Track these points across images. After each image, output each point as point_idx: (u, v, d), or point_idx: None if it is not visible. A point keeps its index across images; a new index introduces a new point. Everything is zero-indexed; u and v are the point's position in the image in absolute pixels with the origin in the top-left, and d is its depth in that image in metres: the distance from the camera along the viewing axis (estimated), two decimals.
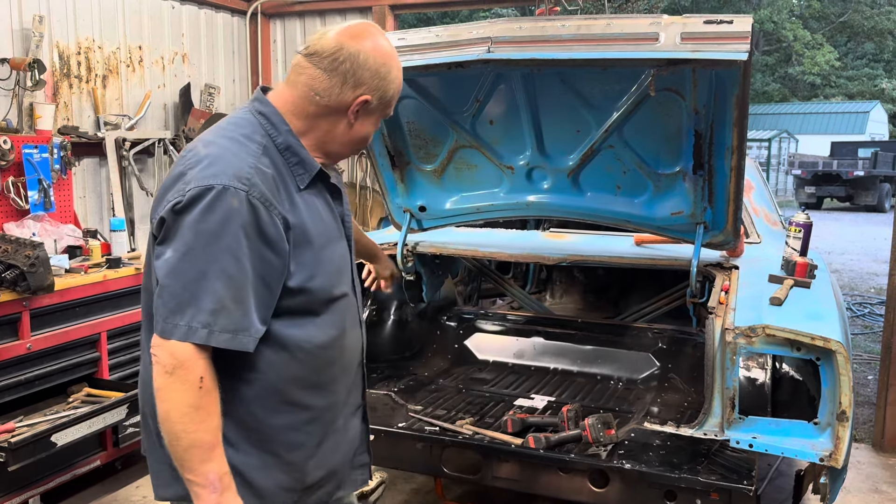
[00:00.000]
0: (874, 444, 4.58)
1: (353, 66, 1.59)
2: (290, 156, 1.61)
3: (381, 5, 6.26)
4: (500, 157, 3.25)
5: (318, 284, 1.61)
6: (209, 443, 1.45)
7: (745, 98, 2.54)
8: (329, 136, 1.66)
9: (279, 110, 1.63)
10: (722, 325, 2.49)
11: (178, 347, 1.44)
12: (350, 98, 1.61)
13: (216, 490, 1.45)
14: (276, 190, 1.54)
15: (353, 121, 1.65)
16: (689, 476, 2.34)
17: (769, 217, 4.11)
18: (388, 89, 1.67)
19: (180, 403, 1.43)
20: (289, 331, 1.58)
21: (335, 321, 1.67)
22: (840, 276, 10.27)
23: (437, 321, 3.93)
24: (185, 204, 1.46)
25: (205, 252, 1.45)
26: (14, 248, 3.32)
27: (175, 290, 1.45)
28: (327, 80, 1.59)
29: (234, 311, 1.46)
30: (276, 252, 1.52)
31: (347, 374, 1.76)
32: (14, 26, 4.61)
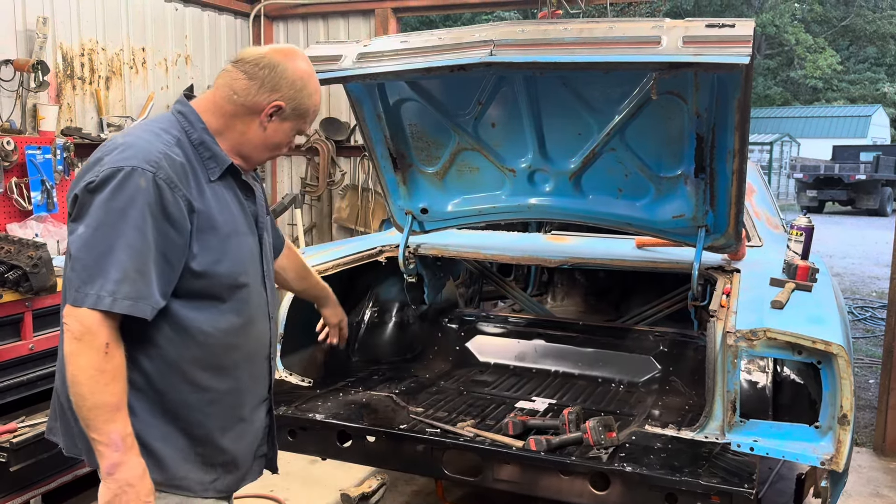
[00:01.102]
0: (875, 448, 4.58)
1: (272, 73, 1.74)
2: (203, 150, 1.74)
3: (383, 8, 6.28)
4: (502, 159, 3.26)
5: (222, 270, 1.72)
6: (113, 404, 1.57)
7: (747, 101, 2.54)
8: (244, 137, 1.79)
9: (198, 110, 1.77)
10: (723, 328, 2.49)
11: (86, 315, 1.55)
12: (265, 101, 1.75)
13: (118, 449, 1.57)
14: (183, 175, 1.66)
15: (265, 124, 1.77)
16: (689, 479, 2.34)
17: (771, 220, 4.11)
18: (302, 101, 1.79)
19: (87, 367, 1.55)
20: (190, 312, 1.69)
21: (239, 309, 1.78)
22: (841, 279, 10.27)
23: (438, 323, 3.93)
24: (98, 183, 1.60)
25: (114, 227, 1.57)
26: (17, 249, 3.33)
27: (87, 262, 1.58)
28: (246, 81, 1.74)
29: (137, 280, 1.58)
30: (178, 230, 1.64)
31: (252, 364, 1.86)
32: (18, 27, 4.62)
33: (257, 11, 6.56)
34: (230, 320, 1.76)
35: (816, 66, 32.17)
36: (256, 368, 1.89)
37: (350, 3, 6.38)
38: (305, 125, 1.85)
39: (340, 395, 3.16)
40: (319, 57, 2.83)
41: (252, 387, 1.88)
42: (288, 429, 2.91)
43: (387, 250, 3.69)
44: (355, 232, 6.44)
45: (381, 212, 6.43)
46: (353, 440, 2.83)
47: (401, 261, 3.58)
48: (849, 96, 35.80)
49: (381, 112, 3.22)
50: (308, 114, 1.83)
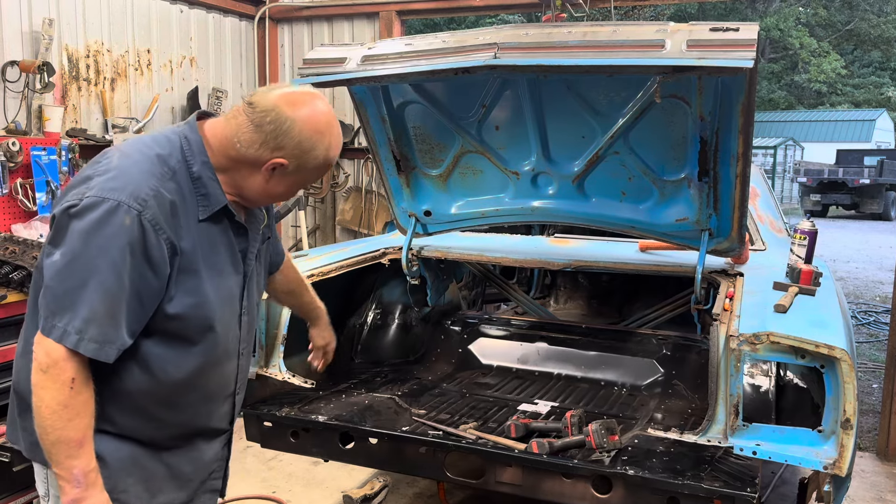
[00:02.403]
0: (879, 453, 4.56)
1: (277, 131, 1.64)
2: (199, 186, 1.67)
3: (388, 11, 6.29)
4: (506, 162, 3.26)
5: (197, 314, 1.66)
6: (76, 440, 1.53)
7: (751, 105, 2.54)
8: (245, 182, 1.72)
9: (207, 140, 1.69)
10: (726, 331, 2.49)
11: (52, 347, 1.51)
12: (266, 157, 1.67)
13: (80, 485, 1.54)
14: (171, 216, 1.60)
15: (267, 178, 1.70)
16: (692, 483, 2.34)
17: (774, 224, 4.11)
18: (308, 160, 1.70)
19: (51, 401, 1.51)
20: (156, 351, 1.65)
21: (207, 352, 1.72)
22: (845, 284, 10.24)
23: (441, 325, 3.93)
24: (79, 210, 1.53)
25: (89, 263, 1.51)
26: (21, 250, 3.35)
27: (57, 293, 1.53)
28: (251, 134, 1.66)
29: (106, 323, 1.53)
30: (157, 273, 1.58)
31: (210, 402, 1.82)
32: (24, 29, 4.64)
33: (262, 14, 6.58)
34: (195, 362, 1.71)
35: (821, 70, 32.11)
36: (215, 406, 1.85)
37: (354, 5, 6.39)
38: (312, 177, 1.78)
39: (343, 396, 3.17)
40: (324, 59, 2.83)
41: (207, 422, 1.84)
42: (290, 430, 2.92)
43: (390, 252, 3.69)
44: (359, 234, 6.45)
45: (384, 214, 6.43)
46: (355, 442, 2.84)
47: (404, 263, 3.59)
48: (853, 100, 35.73)
49: (385, 114, 3.23)
50: (316, 169, 1.74)
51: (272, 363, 2.98)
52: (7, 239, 3.44)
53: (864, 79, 36.72)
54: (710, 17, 28.88)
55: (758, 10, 32.42)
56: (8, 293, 3.27)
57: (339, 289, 3.60)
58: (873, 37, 33.59)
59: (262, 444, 3.04)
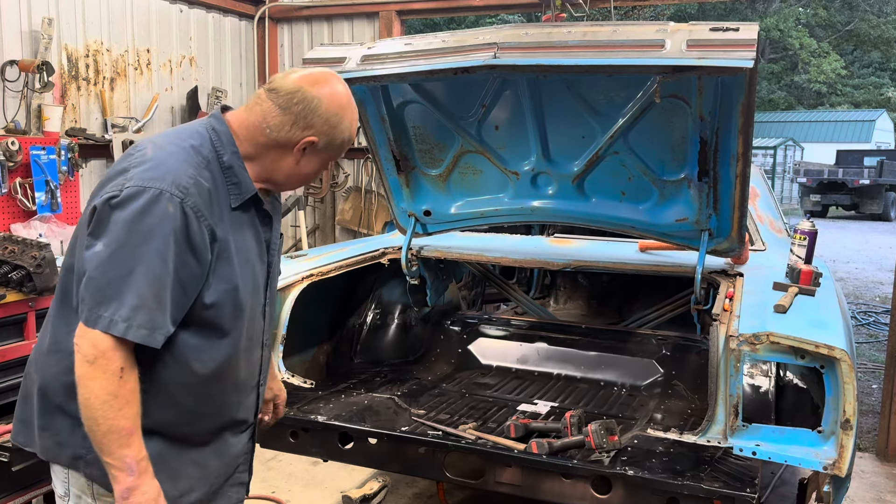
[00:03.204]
0: (878, 454, 4.56)
1: (306, 110, 1.70)
2: (230, 175, 1.70)
3: (387, 11, 6.29)
4: (506, 162, 3.26)
5: (229, 300, 1.69)
6: (127, 429, 1.55)
7: (751, 105, 2.54)
8: (274, 166, 1.76)
9: (233, 131, 1.73)
10: (726, 332, 2.49)
11: (99, 338, 1.52)
12: (298, 137, 1.71)
13: (133, 473, 1.55)
14: (209, 203, 1.63)
15: (298, 158, 1.75)
16: (691, 483, 2.34)
17: (774, 225, 4.11)
18: (336, 136, 1.75)
19: (101, 391, 1.52)
20: (191, 341, 1.66)
21: (237, 340, 1.74)
22: (845, 284, 10.25)
23: (440, 325, 3.93)
24: (121, 200, 1.55)
25: (135, 251, 1.53)
26: (21, 249, 3.34)
27: (101, 284, 1.53)
28: (280, 117, 1.70)
29: (154, 309, 1.54)
30: (199, 260, 1.61)
31: (240, 392, 1.83)
32: (23, 28, 4.64)
33: (262, 13, 6.58)
34: (227, 351, 1.73)
35: (820, 70, 32.12)
36: (244, 396, 1.86)
37: (354, 5, 6.40)
38: (339, 153, 1.83)
39: (342, 396, 3.17)
40: (323, 59, 2.83)
41: (236, 413, 1.85)
42: (290, 430, 2.92)
43: (390, 252, 3.69)
44: (358, 234, 6.45)
45: (384, 214, 6.43)
46: (354, 442, 2.83)
47: (403, 263, 3.59)
48: (853, 101, 35.74)
49: (385, 114, 3.23)
50: (343, 145, 1.79)
51: None
52: (6, 238, 3.44)
53: (863, 79, 36.73)
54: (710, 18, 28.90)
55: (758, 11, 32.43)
56: (7, 293, 3.26)
57: (338, 289, 3.60)
58: (873, 37, 33.59)
59: (261, 444, 3.03)
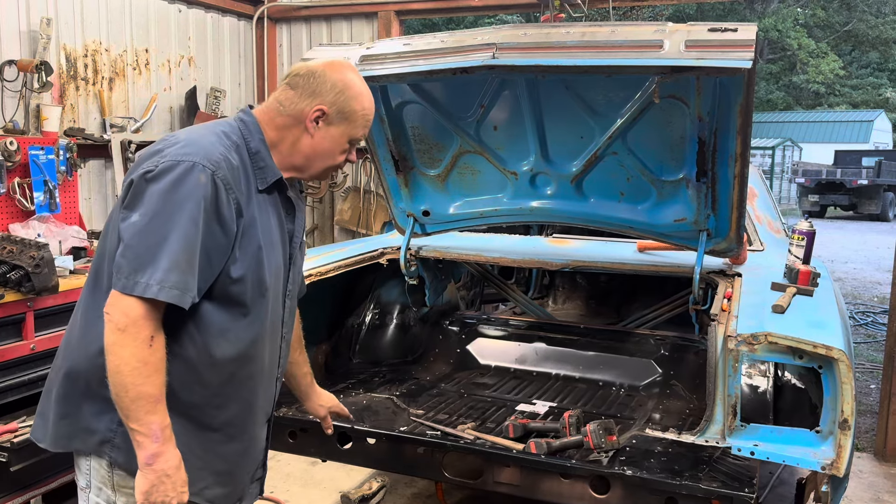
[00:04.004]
0: (876, 454, 4.57)
1: (310, 79, 1.78)
2: (257, 160, 1.77)
3: (386, 11, 6.29)
4: (504, 162, 3.26)
5: (254, 277, 1.73)
6: (155, 396, 1.59)
7: (749, 106, 2.54)
8: (295, 148, 1.81)
9: (258, 120, 1.81)
10: (724, 332, 2.49)
11: (131, 306, 1.56)
12: (307, 108, 1.77)
13: (158, 440, 1.59)
14: (237, 180, 1.70)
15: (312, 131, 1.79)
16: (690, 483, 2.34)
17: (772, 225, 4.11)
18: (346, 104, 1.79)
19: (131, 357, 1.56)
20: (218, 316, 1.70)
21: (262, 320, 1.79)
22: (843, 284, 10.25)
23: (439, 325, 3.93)
24: (157, 173, 1.62)
25: (170, 217, 1.59)
26: (19, 249, 3.34)
27: (139, 251, 1.58)
28: (289, 92, 1.79)
29: (186, 271, 1.59)
30: (225, 231, 1.67)
31: (264, 380, 1.87)
32: (22, 28, 4.63)
33: (260, 13, 6.58)
34: (254, 330, 1.77)
35: (819, 70, 32.15)
36: (268, 384, 1.90)
37: (353, 5, 6.39)
38: (357, 130, 1.84)
39: (341, 396, 3.16)
40: None
41: (263, 403, 1.89)
42: (288, 430, 2.92)
43: (388, 252, 3.69)
44: (357, 234, 6.45)
45: (382, 214, 6.43)
46: (353, 442, 2.84)
47: (402, 263, 3.59)
48: (851, 101, 35.76)
49: (384, 114, 3.23)
50: (356, 117, 1.81)
51: None
52: (5, 238, 3.43)
53: (862, 80, 36.75)
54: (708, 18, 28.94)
55: (756, 11, 32.44)
56: (6, 293, 3.26)
57: (337, 289, 3.60)
58: (871, 38, 33.63)
59: None
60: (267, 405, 1.93)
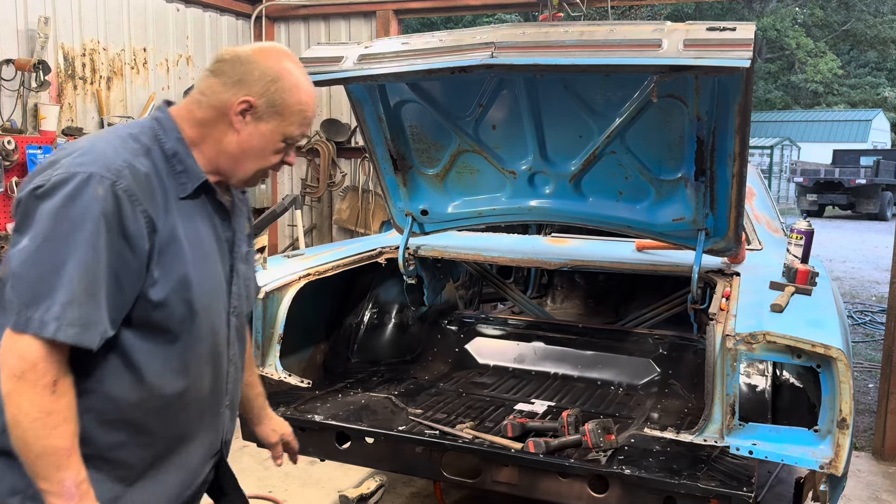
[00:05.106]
0: (874, 453, 4.58)
1: (237, 66, 1.54)
2: (175, 163, 1.53)
3: (384, 10, 6.29)
4: (503, 161, 3.26)
5: (179, 298, 1.48)
6: (65, 449, 1.37)
7: (748, 105, 2.54)
8: (220, 146, 1.56)
9: (176, 118, 1.57)
10: (723, 331, 2.49)
11: (28, 348, 1.34)
12: (231, 99, 1.53)
13: (72, 498, 1.37)
14: (148, 189, 1.45)
15: (237, 127, 1.54)
16: (688, 482, 2.34)
17: (771, 224, 4.11)
18: (278, 96, 1.54)
19: (31, 408, 1.34)
20: (143, 346, 1.47)
21: (194, 348, 1.54)
22: (841, 283, 10.26)
23: (438, 325, 3.93)
24: (47, 189, 1.38)
25: (64, 241, 1.35)
26: None
27: (30, 281, 1.35)
28: (212, 80, 1.55)
29: (86, 303, 1.36)
30: (134, 250, 1.42)
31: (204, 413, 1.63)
32: (19, 27, 4.63)
33: (259, 12, 6.57)
34: (187, 358, 1.53)
35: (817, 70, 32.19)
36: (211, 418, 1.65)
37: (351, 4, 6.39)
38: (292, 127, 1.58)
39: (339, 396, 3.16)
40: (320, 58, 2.83)
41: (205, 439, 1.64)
42: None
43: (387, 252, 3.69)
44: (355, 233, 6.45)
45: (381, 213, 6.43)
46: (351, 441, 2.83)
47: (401, 262, 3.59)
48: (849, 101, 35.80)
49: (382, 114, 3.23)
50: (290, 112, 1.56)
51: (268, 362, 2.98)
52: (3, 238, 3.43)
53: (860, 79, 36.80)
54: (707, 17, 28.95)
55: (755, 10, 32.47)
56: None
57: (335, 288, 3.59)
58: (870, 37, 33.68)
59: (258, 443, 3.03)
60: (212, 440, 1.68)
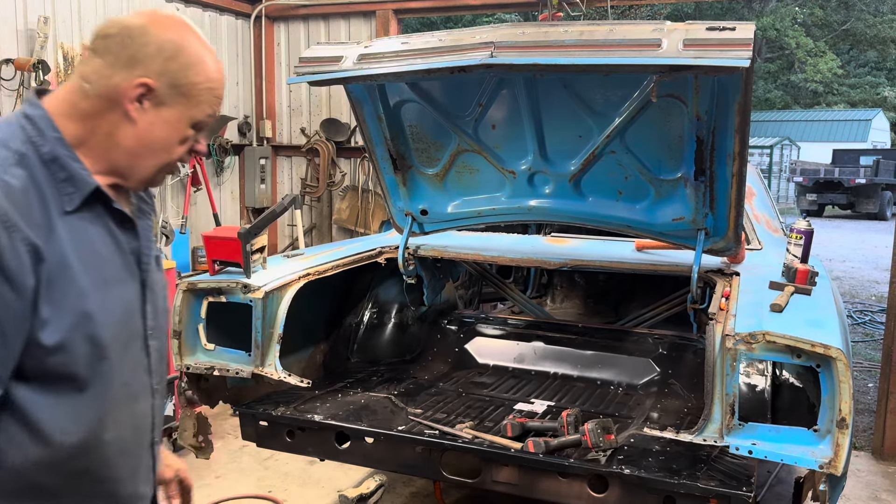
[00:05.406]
0: (874, 452, 4.58)
1: (126, 41, 1.25)
2: (56, 170, 1.24)
3: (384, 9, 6.28)
4: (503, 161, 3.26)
5: (83, 336, 1.23)
6: None
7: (747, 105, 2.54)
8: (112, 142, 1.28)
9: (51, 113, 1.27)
10: (722, 331, 2.49)
11: None
12: (124, 82, 1.25)
13: None
14: (26, 208, 1.18)
15: (134, 116, 1.27)
16: (688, 482, 2.34)
17: (770, 224, 4.11)
18: (182, 75, 1.28)
19: None
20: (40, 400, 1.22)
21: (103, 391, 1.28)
22: (841, 283, 10.27)
23: (437, 325, 3.93)
24: None
25: None
26: None
27: None
28: (96, 60, 1.26)
29: None
30: (16, 289, 1.15)
31: (126, 459, 1.36)
32: (19, 27, 4.63)
33: (258, 12, 6.57)
34: (98, 408, 1.27)
35: (817, 69, 32.18)
36: (134, 462, 1.39)
37: (351, 4, 6.39)
38: (201, 109, 1.32)
39: (339, 396, 3.16)
40: (320, 58, 2.83)
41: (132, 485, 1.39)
42: (286, 430, 2.92)
43: (386, 251, 3.69)
44: (355, 233, 6.45)
45: (380, 213, 6.43)
46: (351, 441, 2.83)
47: (400, 262, 3.59)
48: (849, 100, 35.80)
49: (382, 113, 3.22)
50: (198, 91, 1.30)
51: (268, 362, 2.98)
52: None
53: (860, 79, 36.80)
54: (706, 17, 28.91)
55: (754, 10, 32.46)
56: None
57: (335, 288, 3.59)
58: (869, 37, 33.67)
59: (257, 443, 3.04)
60: (141, 485, 1.42)
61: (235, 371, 2.93)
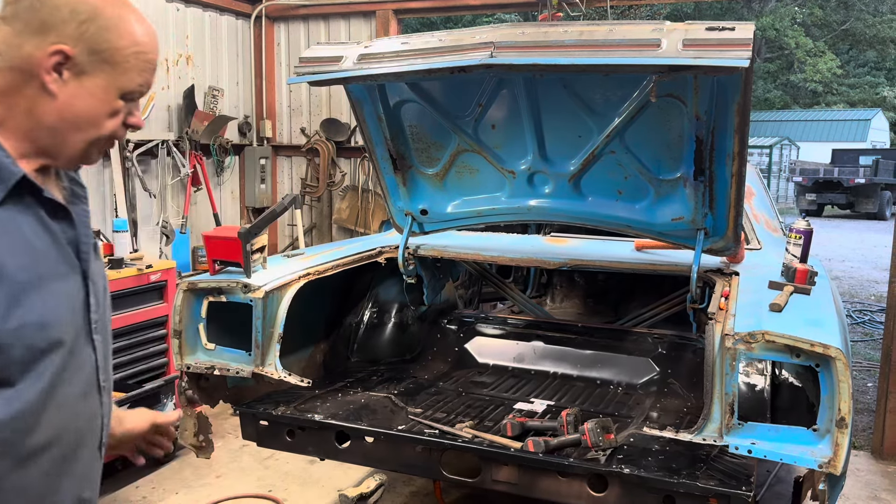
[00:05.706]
0: (873, 452, 4.58)
1: (36, 4, 1.15)
2: None
3: (384, 10, 6.29)
4: (502, 161, 3.26)
5: (21, 341, 1.13)
6: None
7: (747, 105, 2.55)
8: (32, 119, 1.17)
9: None
10: (722, 330, 2.49)
11: None
12: (36, 50, 1.14)
13: None
14: None
15: (52, 88, 1.15)
16: (687, 481, 2.35)
17: (770, 223, 4.12)
18: (102, 38, 1.17)
19: None
20: None
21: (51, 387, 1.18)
22: (840, 283, 10.27)
23: (437, 324, 3.93)
24: None
25: None
26: None
27: None
28: (5, 29, 1.15)
29: None
30: None
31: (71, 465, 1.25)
32: None
33: (258, 12, 6.57)
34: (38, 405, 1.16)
35: (816, 69, 32.17)
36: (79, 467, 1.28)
37: (351, 4, 6.39)
38: (129, 77, 1.21)
39: (339, 395, 3.17)
40: (320, 58, 2.83)
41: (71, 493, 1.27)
42: (287, 429, 2.92)
43: (386, 251, 3.69)
44: (355, 233, 6.45)
45: (380, 213, 6.43)
46: (351, 441, 2.84)
47: (400, 262, 3.59)
48: (848, 100, 35.80)
49: (382, 113, 3.23)
50: (123, 56, 1.19)
51: (268, 362, 2.98)
52: None
53: (859, 79, 36.80)
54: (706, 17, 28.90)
55: (754, 10, 32.46)
56: None
57: (335, 287, 3.60)
58: (869, 37, 33.67)
59: (258, 442, 3.04)
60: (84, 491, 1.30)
61: (236, 371, 2.94)
